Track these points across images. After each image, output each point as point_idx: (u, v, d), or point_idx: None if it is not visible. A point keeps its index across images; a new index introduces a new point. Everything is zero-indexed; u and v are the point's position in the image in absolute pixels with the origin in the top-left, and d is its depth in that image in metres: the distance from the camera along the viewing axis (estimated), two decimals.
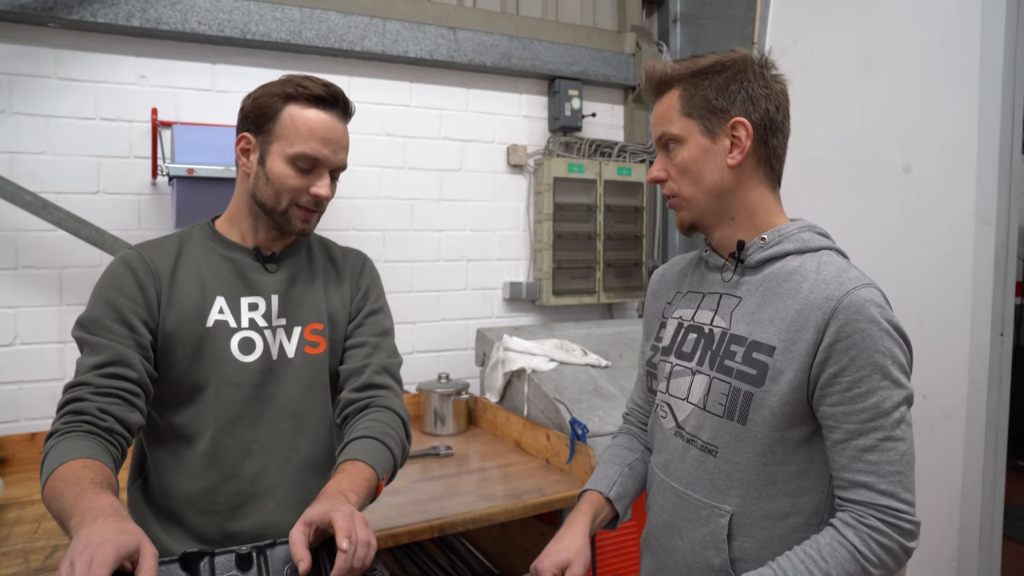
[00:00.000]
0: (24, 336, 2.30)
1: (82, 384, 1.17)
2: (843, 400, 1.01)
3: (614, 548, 2.18)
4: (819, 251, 1.11)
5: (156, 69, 2.46)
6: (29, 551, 1.64)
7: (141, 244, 1.31)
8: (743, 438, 1.09)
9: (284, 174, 1.25)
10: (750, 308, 1.11)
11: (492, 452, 2.43)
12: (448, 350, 2.98)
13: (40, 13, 2.21)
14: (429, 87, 2.94)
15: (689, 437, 1.17)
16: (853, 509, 1.01)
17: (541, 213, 3.12)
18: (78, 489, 0.99)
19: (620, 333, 2.93)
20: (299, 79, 1.26)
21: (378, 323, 1.40)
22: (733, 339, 1.11)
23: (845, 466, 1.02)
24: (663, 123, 1.15)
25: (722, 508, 1.11)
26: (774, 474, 1.08)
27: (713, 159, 1.11)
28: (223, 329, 1.27)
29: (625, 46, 3.36)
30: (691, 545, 1.16)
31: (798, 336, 1.04)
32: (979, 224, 2.06)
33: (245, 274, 1.31)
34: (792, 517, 1.09)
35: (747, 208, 1.14)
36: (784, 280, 1.09)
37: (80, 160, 2.36)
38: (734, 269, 1.16)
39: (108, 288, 1.24)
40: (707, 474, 1.13)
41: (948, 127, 2.10)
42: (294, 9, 2.58)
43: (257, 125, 1.27)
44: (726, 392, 1.10)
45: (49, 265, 2.32)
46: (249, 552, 1.01)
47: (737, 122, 1.10)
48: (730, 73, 1.11)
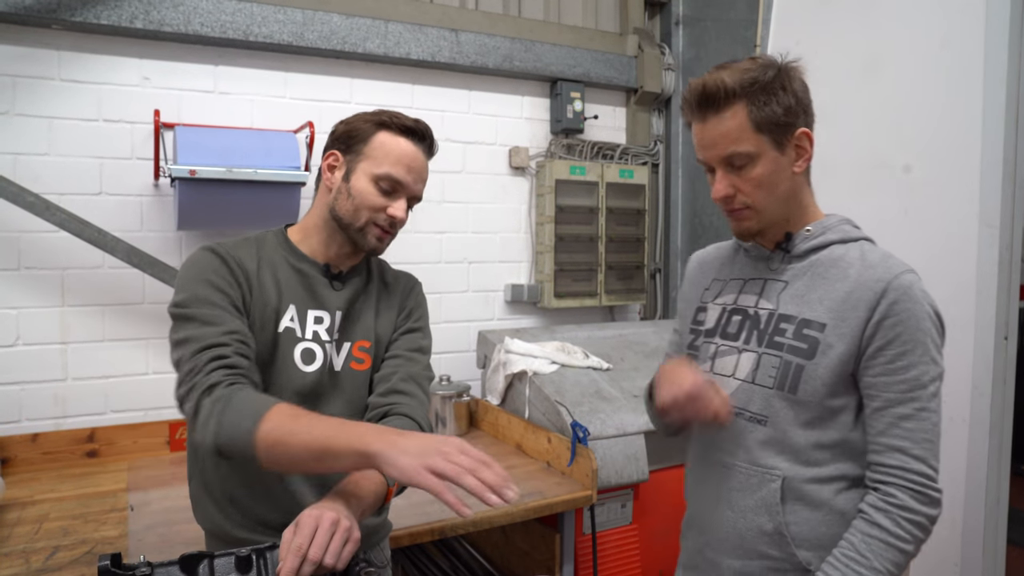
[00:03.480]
0: (26, 337, 2.31)
1: (219, 344, 1.17)
2: (886, 371, 1.12)
3: (614, 548, 2.18)
4: (858, 241, 1.22)
5: (159, 71, 2.46)
6: (30, 552, 1.64)
7: (222, 243, 1.30)
8: (793, 406, 1.17)
9: (367, 191, 1.30)
10: (798, 290, 1.21)
11: (493, 454, 2.40)
12: (449, 352, 2.98)
13: (44, 15, 2.22)
14: (431, 89, 2.94)
15: (737, 411, 1.24)
16: (883, 477, 1.12)
17: (543, 215, 3.12)
18: (330, 420, 1.09)
19: (622, 336, 2.92)
20: (392, 112, 1.34)
21: (415, 340, 1.44)
22: (782, 318, 1.21)
23: (882, 431, 1.13)
24: (733, 141, 1.15)
25: (773, 473, 1.19)
26: (822, 439, 1.17)
27: (783, 170, 1.18)
28: (290, 337, 1.31)
29: (627, 48, 3.36)
30: (741, 513, 1.23)
31: (848, 314, 1.14)
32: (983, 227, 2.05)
33: (314, 288, 1.34)
34: (839, 481, 1.17)
35: (801, 206, 1.24)
36: (830, 266, 1.20)
37: (83, 161, 2.36)
38: (782, 259, 1.25)
39: (207, 273, 1.24)
40: (757, 443, 1.21)
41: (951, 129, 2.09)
42: (296, 11, 2.58)
43: (347, 145, 1.33)
44: (777, 365, 1.19)
45: (51, 266, 2.33)
46: (248, 555, 1.01)
47: (803, 133, 1.17)
48: (788, 84, 1.15)
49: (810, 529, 1.17)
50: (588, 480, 2.05)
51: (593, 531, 2.11)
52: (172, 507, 1.91)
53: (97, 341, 2.40)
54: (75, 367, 2.37)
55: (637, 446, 2.18)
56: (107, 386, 2.42)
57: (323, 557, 0.98)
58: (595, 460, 2.06)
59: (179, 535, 1.72)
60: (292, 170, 2.38)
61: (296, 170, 2.39)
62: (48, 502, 1.96)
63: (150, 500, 1.98)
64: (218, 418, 1.09)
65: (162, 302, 2.46)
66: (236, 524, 1.30)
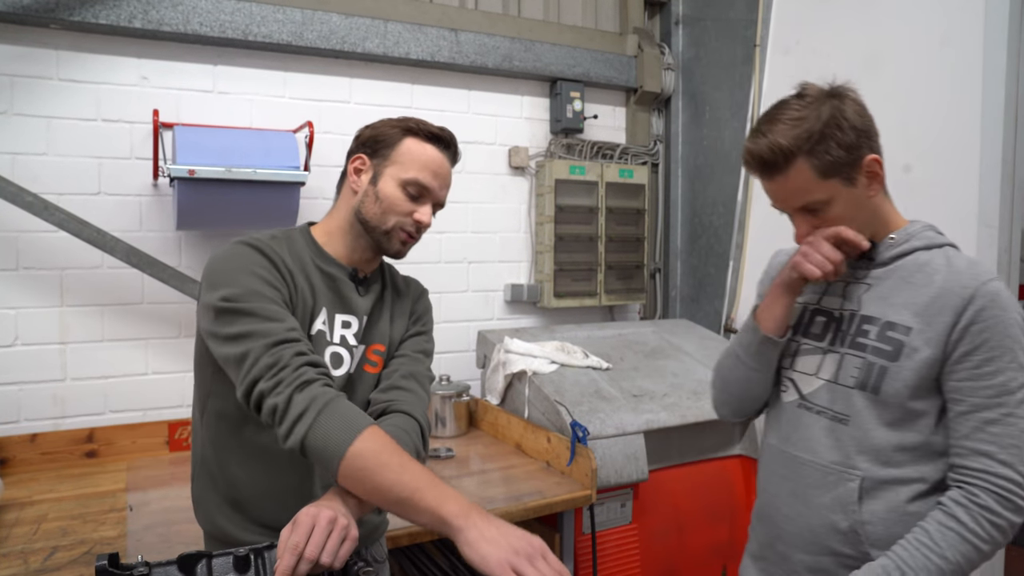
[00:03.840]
0: (25, 337, 2.30)
1: (295, 340, 1.16)
2: (972, 376, 1.13)
3: (614, 548, 2.18)
4: (943, 247, 1.24)
5: (158, 70, 2.46)
6: (28, 552, 1.63)
7: (257, 239, 1.27)
8: (875, 406, 1.19)
9: (395, 196, 1.31)
10: (882, 293, 1.23)
11: (493, 454, 2.42)
12: (449, 352, 2.98)
13: (42, 14, 2.21)
14: (430, 89, 2.94)
15: (819, 409, 1.27)
16: (968, 479, 1.12)
17: (542, 215, 3.12)
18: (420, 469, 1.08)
19: (621, 335, 2.92)
20: (417, 119, 1.35)
21: (419, 343, 1.45)
22: (865, 319, 1.23)
23: (967, 435, 1.13)
24: (803, 194, 1.19)
25: (852, 472, 1.20)
26: (903, 440, 1.18)
27: (860, 198, 1.21)
28: (321, 340, 1.31)
29: (627, 48, 3.35)
30: (816, 510, 1.24)
31: (934, 319, 1.15)
32: (982, 227, 2.05)
33: (343, 292, 1.35)
34: (918, 483, 1.18)
35: (882, 219, 1.26)
36: (916, 271, 1.21)
37: (81, 161, 2.36)
38: (865, 266, 1.27)
39: (255, 267, 1.21)
40: (837, 442, 1.23)
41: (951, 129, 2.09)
42: (295, 11, 2.58)
43: (374, 149, 1.34)
44: (860, 366, 1.21)
45: (50, 266, 2.32)
46: (246, 554, 1.00)
47: (871, 160, 1.19)
48: (841, 121, 1.16)
49: (885, 529, 1.18)
50: (587, 480, 2.05)
51: (593, 531, 2.11)
52: (171, 507, 1.90)
53: (96, 341, 2.39)
54: (74, 367, 2.37)
55: (636, 446, 2.18)
56: (106, 386, 2.41)
57: (320, 555, 0.98)
58: (594, 460, 2.05)
59: (178, 535, 1.72)
60: (291, 170, 2.37)
61: (295, 170, 2.39)
62: (47, 502, 1.96)
63: (149, 500, 1.98)
64: (314, 418, 1.08)
65: (161, 302, 2.46)
66: (241, 528, 1.29)
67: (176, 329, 2.49)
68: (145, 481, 2.16)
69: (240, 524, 1.30)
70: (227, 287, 1.18)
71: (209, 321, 1.19)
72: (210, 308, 1.18)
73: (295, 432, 1.09)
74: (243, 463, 1.30)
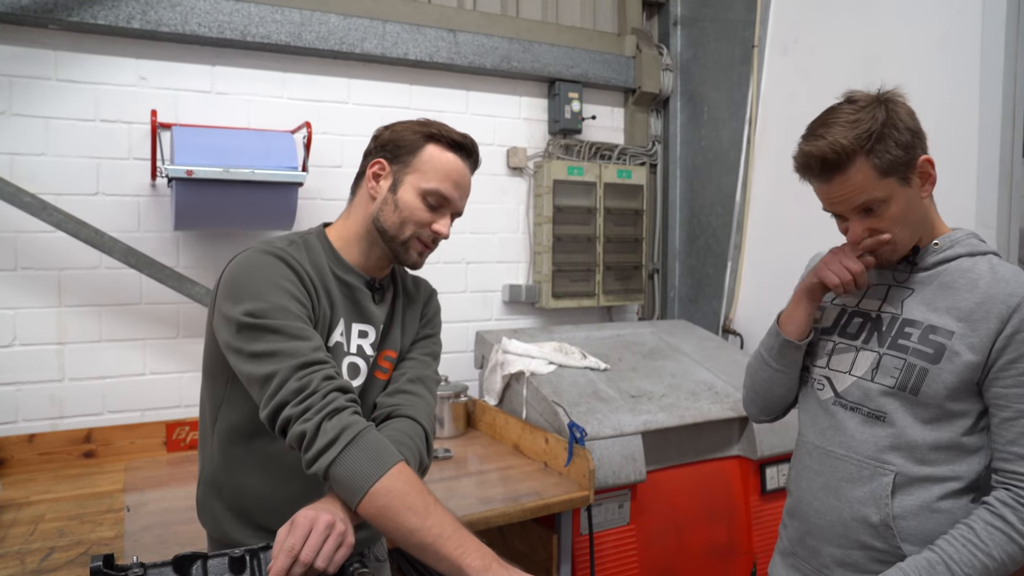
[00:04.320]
0: (23, 337, 2.30)
1: (322, 362, 1.14)
2: (1018, 383, 1.15)
3: (612, 548, 2.18)
4: (987, 255, 1.25)
5: (156, 71, 2.46)
6: (25, 553, 1.63)
7: (279, 247, 1.24)
8: (913, 406, 1.21)
9: (414, 206, 1.29)
10: (924, 298, 1.25)
11: (490, 455, 2.42)
12: (447, 352, 2.95)
13: (40, 15, 2.21)
14: (429, 89, 2.94)
15: (852, 405, 1.29)
16: (1016, 482, 1.13)
17: (541, 216, 3.12)
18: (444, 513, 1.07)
19: (619, 336, 2.92)
20: (439, 123, 1.32)
21: (427, 345, 1.44)
22: (907, 322, 1.25)
23: (1012, 441, 1.15)
24: (863, 192, 1.19)
25: (886, 468, 1.23)
26: (939, 440, 1.20)
27: (914, 200, 1.22)
28: (339, 351, 1.29)
29: (625, 48, 3.36)
30: (848, 504, 1.27)
31: (978, 325, 1.17)
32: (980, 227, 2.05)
33: (359, 301, 1.33)
34: (951, 482, 1.20)
35: (929, 224, 1.28)
36: (959, 277, 1.23)
37: (80, 161, 2.36)
38: (908, 271, 1.29)
39: (281, 280, 1.19)
40: (873, 437, 1.25)
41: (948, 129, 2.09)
42: (294, 11, 2.58)
43: (394, 154, 1.31)
44: (900, 367, 1.23)
45: (48, 266, 2.32)
46: (242, 555, 1.00)
47: (924, 161, 1.21)
48: (897, 121, 1.17)
49: (917, 525, 1.20)
50: (585, 480, 2.05)
51: (591, 531, 2.10)
52: (169, 508, 1.90)
53: (94, 341, 2.39)
54: (72, 367, 2.37)
55: (634, 446, 2.18)
56: (104, 387, 2.41)
57: (315, 560, 0.98)
58: (592, 460, 2.05)
59: (175, 536, 1.72)
60: (289, 170, 2.37)
61: (293, 170, 2.39)
62: (44, 503, 1.96)
63: (147, 501, 1.98)
64: (342, 449, 1.07)
65: (159, 303, 2.46)
66: (247, 534, 1.29)
67: (174, 329, 2.49)
68: (143, 482, 2.16)
69: (246, 531, 1.29)
70: (251, 301, 1.15)
71: (231, 335, 1.15)
72: (232, 321, 1.15)
73: (320, 461, 1.07)
74: (253, 472, 1.29)
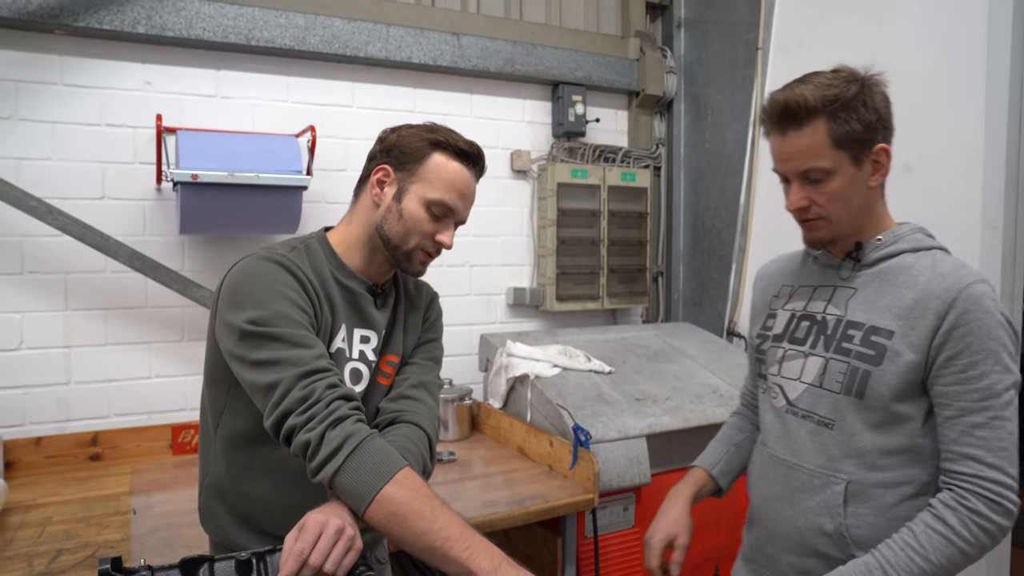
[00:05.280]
0: (30, 340, 2.31)
1: (325, 370, 1.14)
2: (957, 380, 1.12)
3: (616, 552, 2.17)
4: (931, 250, 1.23)
5: (161, 75, 2.47)
6: (33, 555, 1.64)
7: (281, 253, 1.24)
8: (860, 411, 1.19)
9: (419, 216, 1.27)
10: (866, 297, 1.23)
11: (495, 458, 2.42)
12: (451, 356, 2.98)
13: (46, 20, 2.23)
14: (433, 93, 2.94)
15: (804, 413, 1.27)
16: (959, 483, 1.11)
17: (545, 218, 3.12)
18: (452, 516, 1.06)
19: (624, 339, 2.92)
20: (446, 130, 1.30)
21: (429, 350, 1.44)
22: (850, 324, 1.23)
23: (955, 440, 1.13)
24: (811, 157, 1.17)
25: (838, 476, 1.21)
26: (888, 444, 1.18)
27: (860, 184, 1.19)
28: (341, 357, 1.29)
29: (629, 51, 3.36)
30: (803, 513, 1.25)
31: (917, 322, 1.15)
32: (986, 229, 2.05)
33: (361, 306, 1.32)
34: (903, 487, 1.19)
35: (874, 217, 1.25)
36: (900, 274, 1.21)
37: (85, 166, 2.37)
38: (852, 267, 1.27)
39: (283, 288, 1.18)
40: (823, 446, 1.23)
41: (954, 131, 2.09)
42: (298, 15, 2.59)
43: (400, 161, 1.29)
44: (844, 371, 1.21)
45: (55, 270, 2.33)
46: (248, 558, 1.00)
47: (881, 149, 1.19)
48: (868, 100, 1.16)
49: (871, 533, 1.19)
50: (590, 483, 2.05)
51: (595, 534, 2.10)
52: (175, 511, 1.91)
53: (100, 345, 2.40)
54: (78, 371, 2.38)
55: (639, 449, 2.18)
56: (110, 390, 2.42)
57: (324, 564, 0.98)
58: (597, 463, 2.05)
59: (182, 539, 1.73)
60: (294, 174, 2.38)
61: (298, 174, 2.39)
62: (51, 505, 1.97)
63: (153, 504, 1.98)
64: (346, 458, 1.07)
65: (165, 306, 2.47)
66: (250, 539, 1.28)
67: (179, 333, 2.50)
68: (149, 484, 2.16)
69: (250, 536, 1.29)
70: (254, 308, 1.14)
71: (233, 343, 1.15)
72: (235, 329, 1.14)
73: (325, 470, 1.07)
74: (256, 478, 1.28)
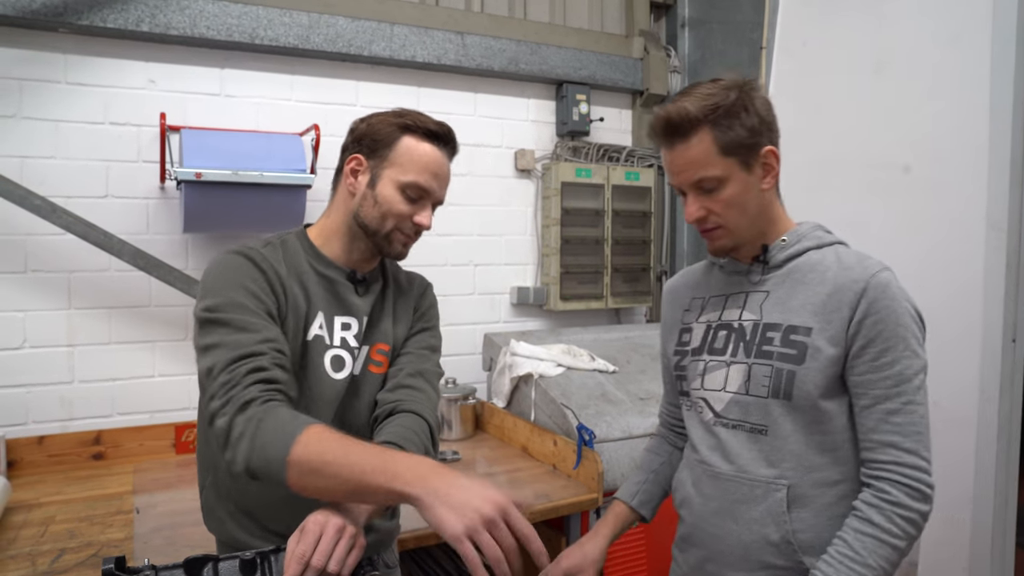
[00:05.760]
0: (33, 339, 2.31)
1: (257, 354, 1.13)
2: (871, 368, 1.13)
3: (621, 551, 2.17)
4: (832, 245, 1.25)
5: (165, 74, 2.47)
6: (36, 554, 1.64)
7: (251, 247, 1.27)
8: (790, 412, 1.18)
9: (394, 200, 1.28)
10: (780, 298, 1.23)
11: (499, 457, 2.42)
12: (455, 355, 2.97)
13: (50, 19, 2.22)
14: (437, 92, 2.94)
15: (734, 423, 1.25)
16: (879, 473, 1.13)
17: (549, 218, 3.12)
18: (366, 449, 1.03)
19: (628, 338, 2.91)
20: (414, 113, 1.31)
21: (425, 339, 1.43)
22: (768, 327, 1.22)
23: (873, 428, 1.14)
24: (700, 167, 1.17)
25: (778, 482, 1.19)
26: (822, 443, 1.18)
27: (753, 188, 1.20)
28: (319, 344, 1.29)
29: (633, 50, 3.35)
30: (747, 525, 1.22)
31: (832, 316, 1.16)
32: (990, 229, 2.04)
33: (340, 294, 1.33)
34: (841, 484, 1.18)
35: (772, 220, 1.26)
36: (808, 271, 1.21)
37: (89, 164, 2.37)
38: (760, 271, 1.26)
39: (243, 278, 1.20)
40: (760, 453, 1.21)
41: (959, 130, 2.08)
42: (302, 14, 2.59)
43: (371, 149, 1.30)
44: (769, 374, 1.20)
45: (58, 269, 2.33)
46: (253, 558, 1.00)
47: (769, 151, 1.19)
48: (749, 105, 1.17)
49: (815, 535, 1.17)
50: (594, 483, 2.05)
51: None
52: (178, 510, 1.91)
53: (103, 344, 2.40)
54: (81, 370, 2.38)
55: None
56: (113, 389, 2.42)
57: (327, 564, 0.97)
58: (601, 463, 2.05)
59: (185, 538, 1.73)
60: (298, 173, 2.38)
61: (302, 173, 2.39)
62: (54, 504, 1.97)
63: (156, 503, 1.98)
64: (251, 440, 1.04)
65: (168, 305, 2.47)
66: (253, 535, 1.28)
67: (183, 331, 2.50)
68: (152, 483, 2.16)
69: (253, 532, 1.29)
70: (212, 297, 1.18)
71: (194, 333, 1.19)
72: (195, 319, 1.19)
73: (237, 459, 1.05)
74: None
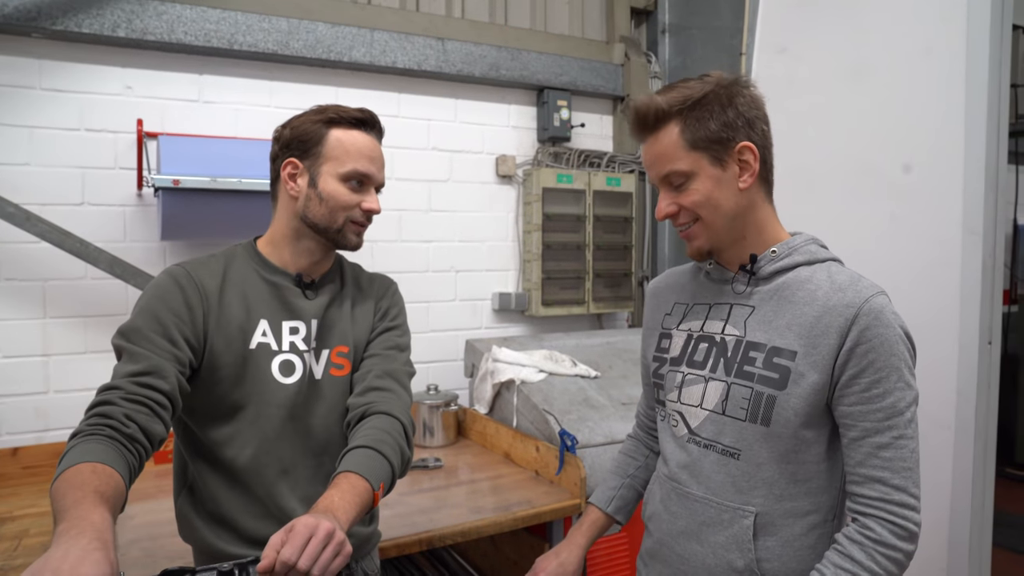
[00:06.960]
0: (7, 349, 2.27)
1: (114, 388, 1.18)
2: (861, 400, 1.07)
3: (604, 557, 2.17)
4: (826, 262, 1.17)
5: (142, 80, 2.44)
6: (8, 569, 1.61)
7: (188, 262, 1.32)
8: (767, 439, 1.13)
9: (339, 192, 1.30)
10: (765, 316, 1.16)
11: (481, 464, 2.41)
12: (437, 361, 2.97)
13: (24, 23, 2.19)
14: (417, 98, 2.94)
15: (707, 443, 1.19)
16: (864, 509, 1.07)
17: (530, 223, 3.12)
18: (79, 494, 1.01)
19: (610, 343, 2.92)
20: (334, 106, 1.33)
21: (391, 338, 1.42)
22: (750, 346, 1.16)
23: (861, 462, 1.08)
24: (668, 161, 1.14)
25: (746, 509, 1.15)
26: (796, 472, 1.13)
27: (726, 186, 1.14)
28: (265, 351, 1.30)
29: (614, 56, 3.37)
30: (712, 549, 1.18)
31: (819, 340, 1.09)
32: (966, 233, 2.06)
33: (287, 299, 1.34)
34: (812, 515, 1.14)
35: (757, 225, 1.18)
36: (797, 289, 1.14)
37: (65, 171, 2.34)
38: (747, 282, 1.20)
39: (155, 301, 1.25)
40: (729, 477, 1.16)
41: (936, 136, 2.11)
42: (281, 20, 2.57)
43: (302, 150, 1.31)
44: (748, 396, 1.14)
45: (33, 277, 2.30)
46: (231, 569, 0.99)
47: (744, 147, 1.13)
48: (726, 100, 1.12)
49: (781, 565, 1.13)
50: (577, 488, 2.04)
51: None
52: (155, 521, 1.88)
53: (79, 353, 2.37)
54: (57, 379, 2.34)
55: None
56: (89, 398, 2.36)
57: (312, 568, 0.96)
58: (583, 468, 2.05)
59: (162, 549, 1.70)
60: None
61: None
62: (28, 517, 1.93)
63: (133, 514, 1.95)
64: (59, 462, 1.10)
65: None
66: (226, 541, 1.29)
67: None
68: (129, 495, 2.12)
69: (226, 538, 1.29)
70: (128, 320, 1.24)
71: None
72: None
73: None
74: (217, 479, 1.30)
